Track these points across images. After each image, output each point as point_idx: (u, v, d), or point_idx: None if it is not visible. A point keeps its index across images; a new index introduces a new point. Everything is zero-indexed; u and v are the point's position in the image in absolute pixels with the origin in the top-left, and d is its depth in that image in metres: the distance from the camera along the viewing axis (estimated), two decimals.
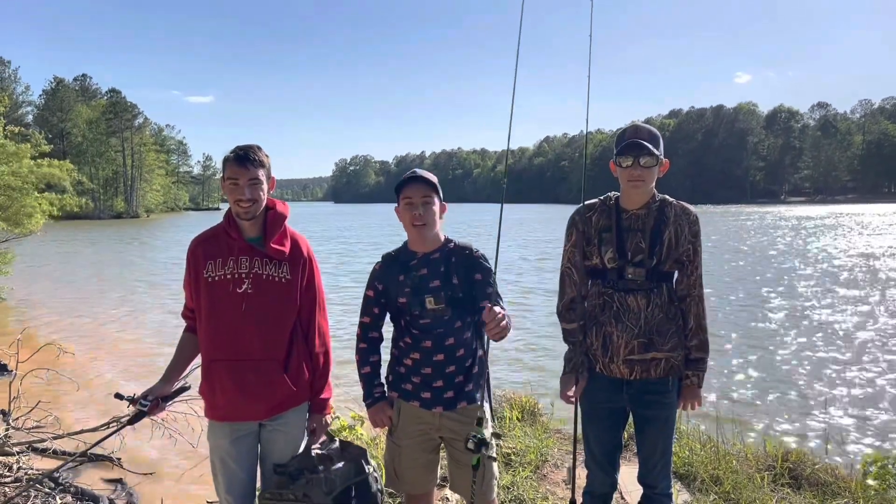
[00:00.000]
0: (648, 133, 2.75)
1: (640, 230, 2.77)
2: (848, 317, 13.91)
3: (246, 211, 2.66)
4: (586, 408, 2.96)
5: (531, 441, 5.11)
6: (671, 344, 2.77)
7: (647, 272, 2.75)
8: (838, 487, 4.32)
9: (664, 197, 2.84)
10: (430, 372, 2.82)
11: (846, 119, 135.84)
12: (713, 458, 4.66)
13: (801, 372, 9.88)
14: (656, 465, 2.90)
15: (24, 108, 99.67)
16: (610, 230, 2.81)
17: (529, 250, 31.24)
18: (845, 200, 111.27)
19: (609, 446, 2.98)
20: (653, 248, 2.74)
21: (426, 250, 2.86)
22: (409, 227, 2.83)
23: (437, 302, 2.78)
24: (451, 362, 2.82)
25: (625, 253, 2.77)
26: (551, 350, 11.00)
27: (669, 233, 2.76)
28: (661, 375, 2.79)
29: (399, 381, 2.92)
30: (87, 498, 5.07)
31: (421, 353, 2.82)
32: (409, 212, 2.78)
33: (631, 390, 2.82)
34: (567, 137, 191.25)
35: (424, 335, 2.81)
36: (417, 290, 2.81)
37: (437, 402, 2.84)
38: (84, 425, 6.22)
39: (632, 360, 2.76)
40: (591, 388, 2.91)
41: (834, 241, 34.34)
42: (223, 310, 2.69)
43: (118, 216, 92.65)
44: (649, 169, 2.70)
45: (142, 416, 2.73)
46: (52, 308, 16.21)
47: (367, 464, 2.92)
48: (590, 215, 2.88)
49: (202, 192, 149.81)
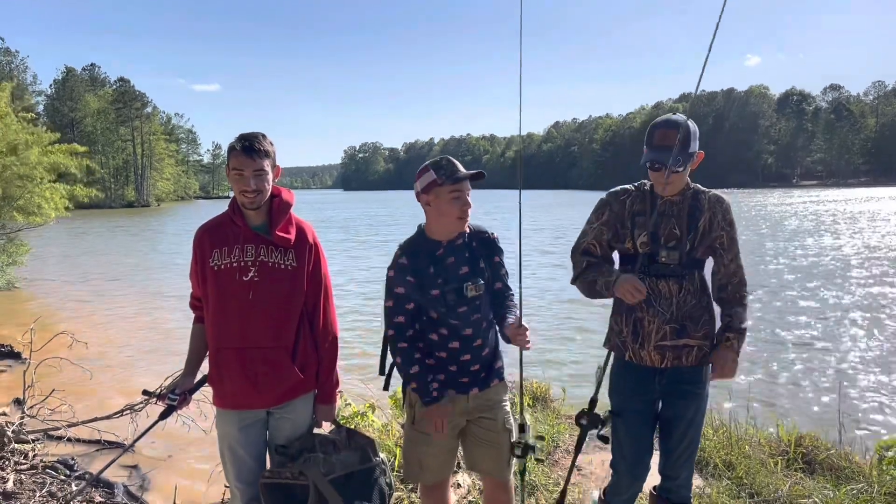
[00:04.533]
0: (683, 136, 2.60)
1: (674, 216, 2.73)
2: (865, 300, 13.80)
3: (251, 201, 2.65)
4: (617, 399, 2.89)
5: (542, 427, 5.10)
6: (704, 332, 2.73)
7: (681, 257, 2.70)
8: (852, 472, 4.29)
9: (697, 185, 2.80)
10: (469, 358, 2.81)
11: (859, 101, 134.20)
12: (726, 443, 4.64)
13: (815, 356, 9.83)
14: (681, 455, 2.83)
15: (35, 97, 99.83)
16: (644, 214, 2.76)
17: (544, 234, 31.12)
18: (858, 184, 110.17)
19: (641, 445, 2.86)
20: (687, 234, 2.70)
21: (449, 238, 2.82)
22: (451, 219, 2.75)
23: (477, 289, 2.78)
24: (486, 345, 2.84)
25: (658, 237, 2.72)
26: (565, 337, 11.01)
27: (704, 219, 2.72)
28: (692, 363, 2.73)
29: (432, 374, 2.85)
30: (101, 485, 5.11)
31: (461, 342, 2.79)
32: (457, 206, 2.72)
33: (663, 381, 2.76)
34: (576, 122, 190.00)
35: (463, 324, 2.78)
36: (450, 279, 2.77)
37: (473, 384, 2.84)
38: (97, 413, 6.27)
39: (663, 347, 2.70)
40: (622, 380, 2.85)
41: (855, 226, 33.99)
42: (230, 298, 2.69)
43: (129, 205, 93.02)
44: (680, 173, 2.65)
45: (172, 411, 2.78)
46: (65, 297, 16.32)
47: (375, 455, 2.88)
48: (624, 198, 2.83)
49: (212, 181, 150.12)
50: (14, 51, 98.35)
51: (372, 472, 2.84)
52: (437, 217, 2.78)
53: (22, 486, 4.76)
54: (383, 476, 2.88)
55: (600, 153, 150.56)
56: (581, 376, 8.60)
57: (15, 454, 5.32)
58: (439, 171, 2.73)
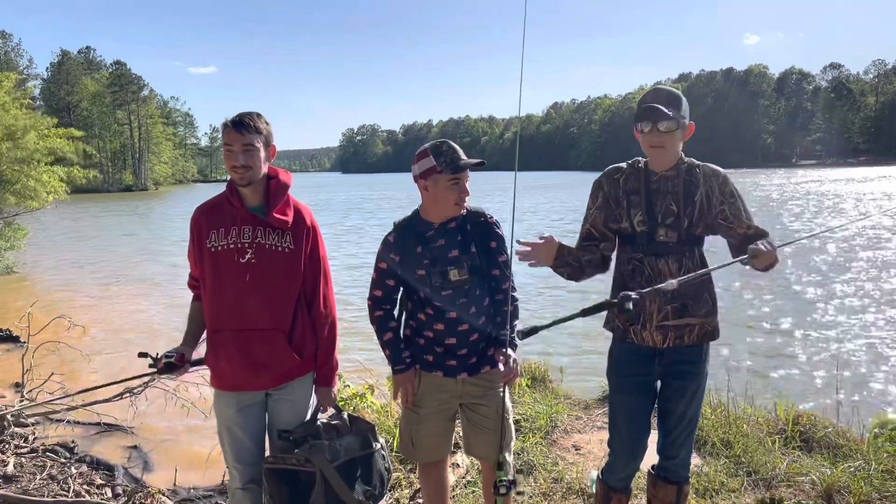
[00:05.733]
0: (668, 96, 2.63)
1: (670, 192, 2.67)
2: (867, 282, 13.81)
3: (241, 177, 2.62)
4: (616, 379, 2.87)
5: (541, 407, 5.12)
6: (706, 310, 2.70)
7: (679, 235, 2.66)
8: (850, 450, 4.31)
9: (691, 160, 2.74)
10: (454, 342, 2.81)
11: (859, 80, 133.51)
12: (724, 422, 4.65)
13: (814, 336, 9.85)
14: (679, 435, 2.81)
15: (30, 81, 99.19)
16: (638, 192, 2.71)
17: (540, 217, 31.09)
18: (857, 163, 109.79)
19: (638, 425, 2.84)
20: (684, 210, 2.66)
21: (442, 220, 2.81)
22: (448, 205, 2.74)
23: (460, 274, 2.76)
24: (475, 330, 2.81)
25: (654, 215, 2.67)
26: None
27: (700, 194, 2.66)
28: (694, 342, 2.71)
29: (419, 353, 2.89)
30: (102, 467, 5.13)
31: (445, 325, 2.80)
32: (455, 192, 2.71)
33: (663, 361, 2.73)
34: (575, 103, 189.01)
35: (448, 306, 2.77)
36: (437, 261, 2.76)
37: (461, 368, 2.83)
38: (96, 397, 6.28)
39: (665, 327, 2.67)
40: (621, 360, 2.83)
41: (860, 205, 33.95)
42: (227, 280, 2.68)
43: (127, 189, 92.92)
44: (670, 134, 2.60)
45: (172, 369, 2.69)
46: (63, 281, 16.33)
47: (375, 440, 2.89)
48: (617, 177, 2.79)
49: (210, 164, 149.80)
50: (8, 34, 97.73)
51: (372, 457, 2.86)
52: (433, 202, 2.77)
53: (22, 469, 4.78)
54: (382, 461, 2.90)
55: (599, 134, 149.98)
56: (580, 357, 8.62)
57: (15, 437, 5.35)
58: (439, 157, 2.70)
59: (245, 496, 2.85)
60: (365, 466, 2.82)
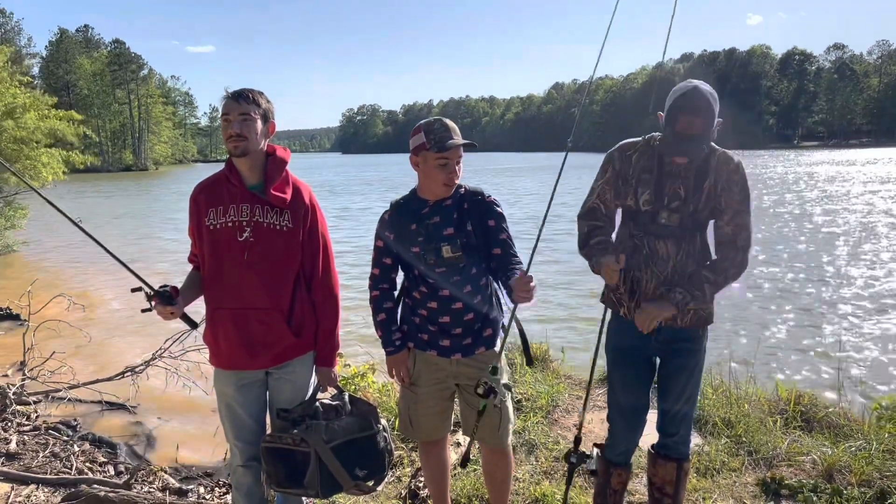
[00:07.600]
0: (707, 105, 2.43)
1: (681, 177, 2.61)
2: (870, 264, 13.80)
3: (235, 146, 2.58)
4: (613, 354, 2.87)
5: (542, 387, 5.12)
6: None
7: (682, 219, 2.62)
8: (851, 430, 4.32)
9: (711, 145, 2.60)
10: (448, 321, 2.79)
11: (862, 61, 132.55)
12: (725, 402, 4.66)
13: (814, 316, 9.85)
14: (679, 411, 2.80)
15: (29, 59, 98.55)
16: (650, 172, 2.65)
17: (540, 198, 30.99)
18: (860, 145, 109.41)
19: (636, 399, 2.84)
20: (692, 196, 2.60)
21: (437, 198, 2.79)
22: (437, 185, 2.72)
23: (453, 251, 2.73)
24: (470, 310, 2.79)
25: (661, 197, 2.63)
26: (563, 302, 11.03)
27: (710, 181, 2.60)
28: (687, 325, 2.69)
29: (414, 332, 2.89)
30: (104, 445, 5.15)
31: (438, 302, 2.78)
32: (444, 172, 2.69)
33: (660, 337, 2.72)
34: (577, 84, 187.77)
35: (441, 284, 2.76)
36: (431, 238, 2.74)
37: (455, 349, 2.82)
38: (98, 375, 6.30)
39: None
40: (619, 334, 2.83)
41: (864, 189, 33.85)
42: (225, 258, 2.66)
43: (127, 169, 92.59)
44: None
45: (168, 301, 2.61)
46: (64, 260, 16.32)
47: (377, 422, 2.87)
48: (630, 153, 2.73)
49: (210, 144, 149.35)
50: (9, 13, 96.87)
51: (373, 439, 2.83)
52: (425, 178, 2.77)
53: (25, 447, 4.79)
54: (384, 442, 2.88)
55: (600, 115, 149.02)
56: (581, 337, 8.62)
57: (17, 416, 5.36)
58: (429, 134, 2.69)
59: (246, 473, 2.86)
60: (365, 448, 2.80)
